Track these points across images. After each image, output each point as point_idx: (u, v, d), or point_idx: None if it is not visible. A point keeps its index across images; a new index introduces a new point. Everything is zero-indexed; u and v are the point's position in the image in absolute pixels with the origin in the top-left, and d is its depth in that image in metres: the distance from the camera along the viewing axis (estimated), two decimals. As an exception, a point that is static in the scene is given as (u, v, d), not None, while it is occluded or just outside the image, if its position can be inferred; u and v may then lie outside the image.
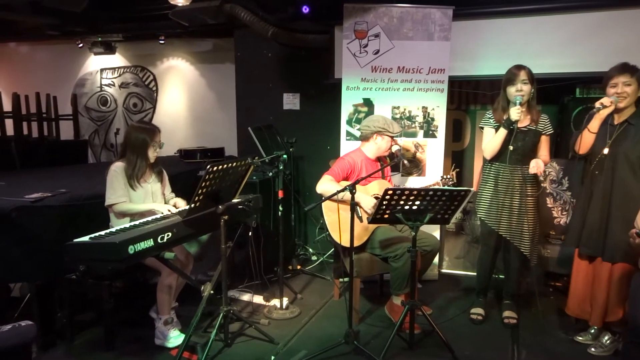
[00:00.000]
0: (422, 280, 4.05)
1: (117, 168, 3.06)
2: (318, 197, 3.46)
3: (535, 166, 3.08)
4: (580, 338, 3.10)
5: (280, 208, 3.57)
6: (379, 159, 3.68)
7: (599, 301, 2.96)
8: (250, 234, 3.42)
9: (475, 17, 4.10)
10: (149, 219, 2.86)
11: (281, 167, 3.53)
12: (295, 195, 4.76)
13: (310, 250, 5.01)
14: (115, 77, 6.93)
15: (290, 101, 5.12)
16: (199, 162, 5.07)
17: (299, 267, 4.55)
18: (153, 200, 3.19)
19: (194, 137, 6.36)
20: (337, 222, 3.29)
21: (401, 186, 2.94)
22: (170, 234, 2.62)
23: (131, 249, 2.38)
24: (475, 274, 3.70)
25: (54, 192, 3.26)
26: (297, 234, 5.03)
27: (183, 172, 4.45)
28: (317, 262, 4.75)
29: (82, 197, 3.24)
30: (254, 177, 4.10)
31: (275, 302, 3.67)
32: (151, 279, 3.43)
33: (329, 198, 3.17)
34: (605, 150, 2.88)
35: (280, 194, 3.57)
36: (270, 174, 4.12)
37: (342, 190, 3.00)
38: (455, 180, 3.50)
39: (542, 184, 3.81)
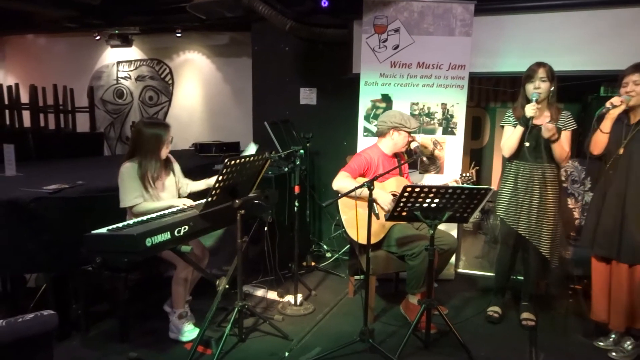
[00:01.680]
0: (439, 279, 4.04)
1: (127, 168, 2.98)
2: (333, 193, 3.46)
3: (545, 129, 3.05)
4: (601, 343, 3.06)
5: (296, 204, 3.58)
6: (396, 155, 3.67)
7: (620, 304, 2.91)
8: (265, 229, 3.42)
9: (497, 12, 4.06)
10: (166, 212, 2.88)
11: (297, 163, 3.53)
12: (311, 191, 4.76)
13: (325, 247, 5.01)
14: (131, 70, 6.97)
15: (307, 96, 5.12)
16: (214, 156, 5.10)
17: (313, 263, 4.56)
18: (169, 194, 3.18)
19: (210, 131, 6.37)
20: (353, 219, 3.28)
21: (419, 183, 2.93)
22: (187, 227, 2.64)
23: (148, 242, 2.39)
24: (492, 274, 3.67)
25: (72, 183, 3.30)
26: (312, 230, 5.03)
27: (198, 166, 4.46)
28: (331, 259, 4.75)
29: (99, 189, 3.27)
30: (270, 172, 4.11)
31: (290, 298, 3.68)
32: (166, 271, 3.45)
33: (346, 195, 3.16)
34: (621, 151, 2.86)
35: (296, 190, 3.58)
36: (286, 169, 4.14)
37: (361, 187, 2.99)
38: (475, 179, 3.47)
39: (563, 184, 3.78)
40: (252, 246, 3.90)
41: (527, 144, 3.14)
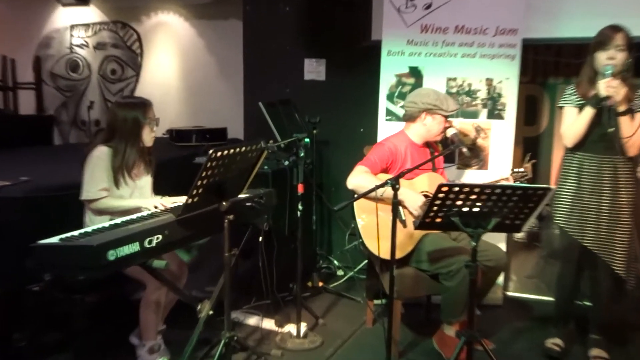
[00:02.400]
0: (483, 305, 4.04)
1: (102, 154, 3.12)
2: (347, 193, 3.44)
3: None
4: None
5: (299, 207, 3.60)
6: (428, 145, 3.67)
7: None
8: (260, 239, 3.46)
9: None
10: (134, 217, 2.91)
11: (301, 155, 3.55)
12: (318, 191, 4.78)
13: (336, 262, 5.03)
14: (89, 36, 7.02)
15: (314, 69, 5.13)
16: (194, 146, 5.13)
17: (321, 283, 4.58)
18: (138, 197, 3.23)
19: (189, 114, 6.41)
20: (373, 227, 3.30)
21: (458, 181, 2.93)
22: (160, 236, 2.64)
23: (112, 255, 2.40)
24: (552, 299, 3.67)
25: (13, 180, 3.33)
26: (319, 242, 5.04)
27: (175, 159, 4.51)
28: (344, 278, 4.76)
29: (49, 187, 3.30)
30: (266, 167, 4.13)
31: (291, 328, 3.69)
32: (133, 293, 3.46)
33: (364, 195, 3.17)
34: None
35: (300, 189, 3.59)
36: (287, 162, 4.14)
37: (382, 186, 2.99)
38: (530, 175, 3.48)
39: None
40: (244, 261, 3.91)
41: (610, 130, 3.11)
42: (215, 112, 6.18)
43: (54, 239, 2.51)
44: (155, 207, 3.05)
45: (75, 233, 2.60)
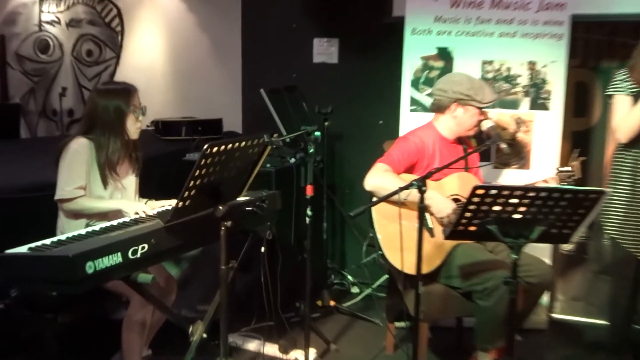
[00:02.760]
0: (524, 329, 4.01)
1: (81, 147, 3.17)
2: (365, 196, 3.45)
3: None
4: None
5: (308, 212, 3.60)
6: (460, 140, 3.66)
7: None
8: (262, 250, 3.38)
9: None
10: (115, 223, 2.90)
11: (311, 151, 3.56)
12: (330, 194, 4.76)
13: (351, 278, 5.03)
14: (61, 11, 7.02)
15: (324, 50, 5.15)
16: (184, 141, 5.12)
17: (332, 303, 4.57)
18: (120, 199, 3.26)
19: (177, 102, 6.40)
20: (395, 237, 3.29)
21: (495, 183, 2.91)
22: (146, 246, 2.62)
23: (89, 267, 2.38)
24: (604, 322, 3.73)
25: None
26: (331, 253, 5.05)
27: (161, 155, 4.53)
28: (360, 297, 4.77)
29: (15, 187, 3.35)
30: (269, 165, 4.13)
31: (297, 354, 3.69)
32: (114, 312, 3.50)
33: (385, 199, 3.17)
34: None
35: (309, 191, 3.60)
36: (293, 160, 4.06)
37: (406, 188, 2.98)
38: (578, 175, 3.47)
39: None
40: (243, 275, 3.90)
41: None
42: (209, 100, 6.14)
43: (22, 249, 2.50)
44: (139, 212, 3.06)
45: (47, 241, 2.59)
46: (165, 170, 4.29)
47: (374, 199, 3.25)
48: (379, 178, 3.39)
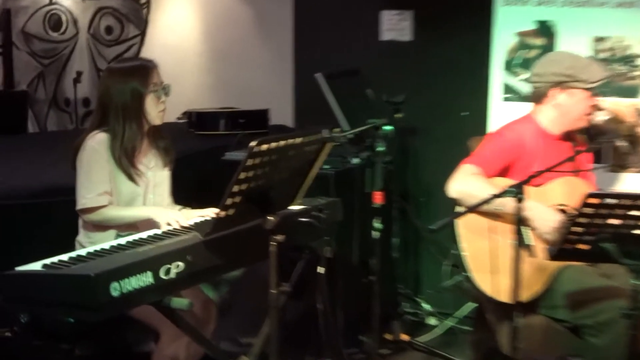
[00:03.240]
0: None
1: (100, 144, 3.26)
2: (447, 206, 3.47)
3: None
4: None
5: (376, 225, 3.67)
6: (568, 136, 3.64)
7: None
8: (319, 270, 3.38)
9: None
10: (144, 235, 2.93)
11: (379, 149, 3.62)
12: (403, 203, 4.79)
13: (427, 306, 5.03)
14: (76, -19, 7.19)
15: (394, 25, 5.15)
16: (223, 136, 5.24)
17: (405, 336, 4.54)
18: (153, 200, 3.35)
19: (214, 90, 6.46)
20: (485, 255, 3.31)
21: (612, 190, 2.87)
22: (181, 264, 2.66)
23: (114, 289, 2.39)
24: None
25: None
26: (402, 276, 5.03)
27: (195, 154, 4.65)
28: (439, 329, 4.76)
29: (23, 192, 3.46)
30: (327, 167, 4.14)
31: (363, 400, 3.70)
32: (141, 343, 3.51)
33: (474, 209, 3.18)
34: None
35: (377, 199, 3.66)
36: (357, 161, 4.16)
37: (500, 195, 2.98)
38: None
39: None
40: (296, 301, 3.81)
41: None
42: (253, 87, 6.16)
43: (35, 265, 2.52)
44: (171, 222, 3.09)
45: (64, 257, 2.61)
46: (200, 172, 4.49)
47: (459, 209, 3.26)
48: (466, 183, 3.39)
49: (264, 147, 2.64)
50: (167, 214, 3.15)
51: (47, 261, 2.57)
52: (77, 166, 3.25)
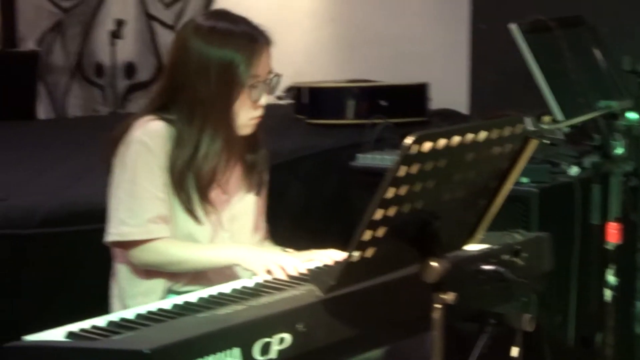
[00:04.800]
0: None
1: (156, 137, 2.91)
2: None
3: None
4: None
5: (610, 279, 3.34)
6: None
7: None
8: (513, 352, 3.11)
9: None
10: (225, 289, 2.67)
11: (618, 152, 3.30)
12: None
13: None
14: None
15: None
16: (352, 127, 4.95)
17: None
18: (229, 239, 3.05)
19: (336, 52, 6.27)
20: None
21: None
22: (288, 337, 2.34)
23: None
24: None
25: None
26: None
27: (305, 158, 4.54)
28: None
29: (37, 215, 3.44)
30: (525, 180, 3.93)
31: None
32: None
33: None
34: None
35: (611, 235, 3.33)
36: (576, 171, 4.07)
37: None
38: None
39: None
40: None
41: None
42: (400, 47, 5.93)
43: (54, 334, 2.31)
44: (269, 272, 2.75)
45: (98, 321, 2.39)
46: (315, 188, 4.35)
47: None
48: None
49: (427, 146, 2.30)
50: (266, 257, 2.86)
51: (74, 327, 2.37)
52: (115, 173, 2.90)
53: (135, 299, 2.84)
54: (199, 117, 2.95)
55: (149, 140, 2.89)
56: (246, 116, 2.99)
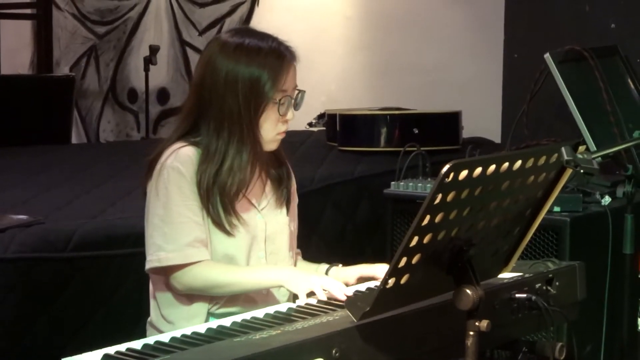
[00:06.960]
0: None
1: (188, 162, 2.96)
2: None
3: None
4: None
5: None
6: None
7: None
8: None
9: None
10: (259, 314, 2.69)
11: None
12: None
13: None
14: None
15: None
16: (385, 155, 5.00)
17: None
18: (264, 260, 3.06)
19: (369, 79, 6.24)
20: None
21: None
22: None
23: None
24: None
25: (19, 220, 3.55)
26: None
27: (338, 185, 4.56)
28: None
29: (75, 236, 3.50)
30: (557, 209, 3.94)
31: None
32: None
33: None
34: None
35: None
36: (608, 201, 4.08)
37: None
38: None
39: None
40: None
41: None
42: (434, 76, 5.97)
43: (92, 357, 2.28)
44: (309, 295, 2.78)
45: (135, 344, 2.38)
46: (349, 214, 4.28)
47: None
48: None
49: (463, 174, 2.34)
50: (310, 279, 2.87)
51: (110, 350, 2.36)
52: (149, 200, 2.97)
53: (178, 324, 2.88)
54: (226, 131, 3.03)
55: (180, 165, 2.97)
56: (273, 131, 3.09)
